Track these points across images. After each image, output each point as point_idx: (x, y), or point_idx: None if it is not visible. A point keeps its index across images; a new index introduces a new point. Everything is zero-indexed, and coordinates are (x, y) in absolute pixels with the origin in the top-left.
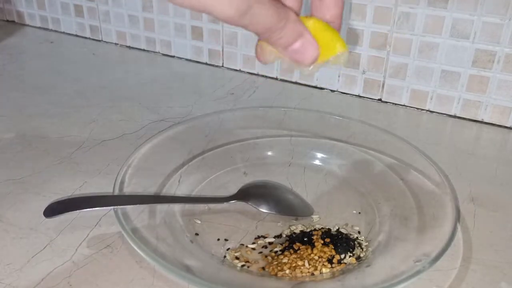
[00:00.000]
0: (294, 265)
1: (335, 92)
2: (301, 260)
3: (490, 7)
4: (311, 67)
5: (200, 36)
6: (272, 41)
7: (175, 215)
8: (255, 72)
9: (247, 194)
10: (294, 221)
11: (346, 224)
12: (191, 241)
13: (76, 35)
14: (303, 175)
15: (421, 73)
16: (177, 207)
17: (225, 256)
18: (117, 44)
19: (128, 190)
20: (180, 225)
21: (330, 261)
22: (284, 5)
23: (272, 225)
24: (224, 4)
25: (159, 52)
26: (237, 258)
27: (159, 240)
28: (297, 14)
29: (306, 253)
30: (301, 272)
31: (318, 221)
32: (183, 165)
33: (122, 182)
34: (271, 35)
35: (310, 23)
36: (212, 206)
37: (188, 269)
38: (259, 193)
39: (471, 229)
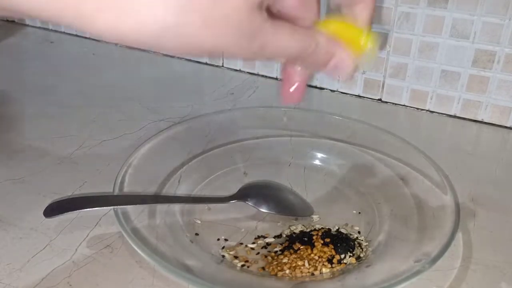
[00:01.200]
0: (294, 265)
1: (335, 92)
2: (301, 260)
3: (490, 7)
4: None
5: None
6: (305, 66)
7: (175, 215)
8: (255, 72)
9: (247, 194)
10: (294, 221)
11: (346, 224)
12: (191, 241)
13: (76, 35)
14: (303, 175)
15: (421, 73)
16: (177, 207)
17: (223, 256)
18: (117, 44)
19: (128, 190)
20: (180, 225)
21: (330, 261)
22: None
23: (272, 225)
24: (239, 47)
25: (159, 52)
26: (236, 257)
27: (159, 240)
28: (317, 17)
29: (306, 253)
30: (301, 272)
31: (318, 221)
32: (183, 165)
33: (122, 182)
34: (302, 62)
35: (332, 27)
36: (212, 206)
37: (188, 269)
38: (259, 193)
39: (471, 229)
